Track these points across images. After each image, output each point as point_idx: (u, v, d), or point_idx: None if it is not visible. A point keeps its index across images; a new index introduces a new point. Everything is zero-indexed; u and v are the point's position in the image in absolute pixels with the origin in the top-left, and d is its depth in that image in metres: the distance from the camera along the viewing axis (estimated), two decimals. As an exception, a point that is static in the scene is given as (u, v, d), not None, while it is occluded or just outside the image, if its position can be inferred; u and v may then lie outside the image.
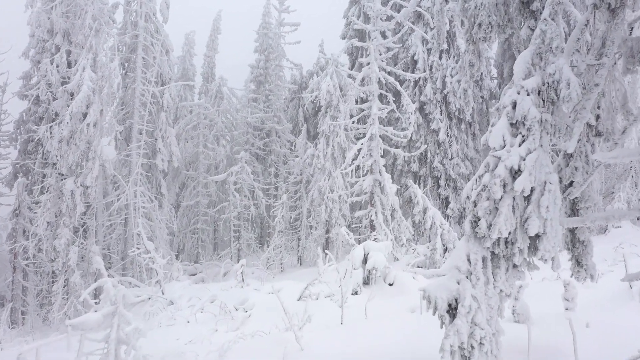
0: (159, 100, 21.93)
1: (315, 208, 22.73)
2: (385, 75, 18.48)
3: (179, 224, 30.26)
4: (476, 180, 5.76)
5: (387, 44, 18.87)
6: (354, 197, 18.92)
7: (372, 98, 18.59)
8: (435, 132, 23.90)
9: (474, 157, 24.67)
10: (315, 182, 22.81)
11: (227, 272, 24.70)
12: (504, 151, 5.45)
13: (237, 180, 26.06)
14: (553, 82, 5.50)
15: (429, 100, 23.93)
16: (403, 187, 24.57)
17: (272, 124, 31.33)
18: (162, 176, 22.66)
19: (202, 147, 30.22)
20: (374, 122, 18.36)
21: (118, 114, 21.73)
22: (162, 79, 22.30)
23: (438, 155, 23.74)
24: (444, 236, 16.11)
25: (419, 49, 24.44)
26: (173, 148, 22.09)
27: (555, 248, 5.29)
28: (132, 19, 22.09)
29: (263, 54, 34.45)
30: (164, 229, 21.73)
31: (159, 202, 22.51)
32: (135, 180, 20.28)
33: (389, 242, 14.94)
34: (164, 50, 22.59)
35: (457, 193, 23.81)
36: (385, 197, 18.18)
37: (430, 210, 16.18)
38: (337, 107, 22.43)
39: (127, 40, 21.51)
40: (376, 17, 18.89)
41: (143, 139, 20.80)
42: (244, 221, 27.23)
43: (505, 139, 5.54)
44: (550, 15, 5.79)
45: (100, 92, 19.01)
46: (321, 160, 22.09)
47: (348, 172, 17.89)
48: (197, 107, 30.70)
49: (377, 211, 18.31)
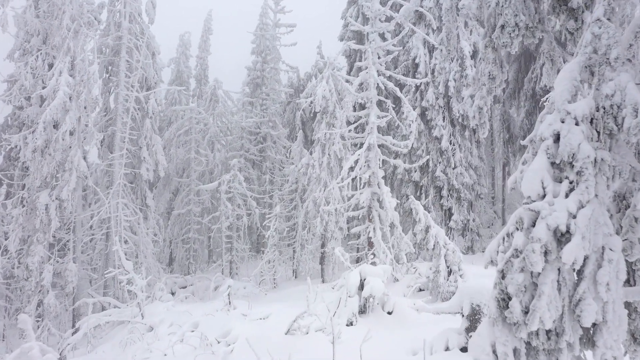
0: (144, 106, 20.33)
1: (310, 220, 21.13)
2: (384, 80, 16.87)
3: (170, 233, 28.71)
4: (503, 240, 4.16)
5: (386, 47, 17.26)
6: (351, 211, 17.32)
7: (371, 105, 16.99)
8: (437, 139, 22.29)
9: (479, 165, 23.04)
10: (311, 192, 21.22)
11: (218, 286, 23.14)
12: (544, 203, 3.85)
13: (229, 189, 24.46)
14: (612, 107, 3.90)
15: (430, 106, 22.32)
16: (403, 197, 22.97)
17: (267, 129, 29.74)
18: (147, 186, 21.07)
19: (194, 153, 28.63)
20: (372, 131, 16.76)
21: (100, 120, 20.14)
22: (148, 83, 20.70)
23: (440, 164, 22.12)
24: (448, 257, 14.51)
25: (421, 51, 22.83)
26: (159, 157, 20.49)
27: (619, 342, 3.70)
28: (115, 20, 20.48)
29: (260, 55, 32.88)
30: (150, 242, 20.16)
31: (144, 214, 20.92)
32: (117, 192, 18.71)
33: (387, 266, 13.35)
34: (149, 52, 20.99)
35: (461, 204, 22.19)
36: (384, 212, 16.57)
37: (433, 229, 14.58)
38: (334, 113, 20.83)
39: (110, 42, 19.89)
40: (375, 17, 17.28)
41: (126, 147, 19.20)
42: (237, 231, 25.64)
43: (545, 185, 3.94)
44: (605, 14, 4.15)
45: (78, 97, 17.43)
46: (316, 169, 20.48)
47: (344, 185, 16.29)
48: (189, 112, 29.07)
49: (376, 227, 16.72)
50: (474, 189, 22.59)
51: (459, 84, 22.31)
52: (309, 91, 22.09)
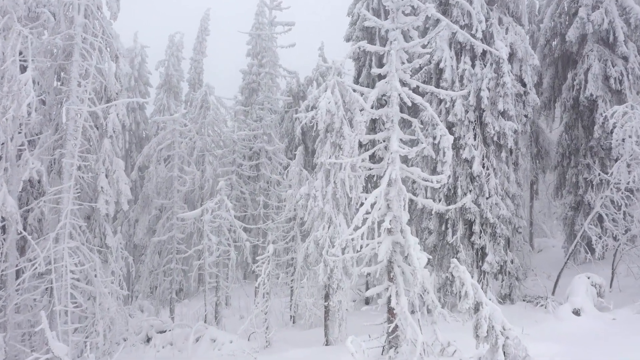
0: (103, 122, 15.59)
1: (311, 266, 16.40)
2: (410, 93, 12.13)
3: (150, 263, 23.97)
4: None
5: (412, 48, 12.52)
6: (365, 266, 12.55)
7: (392, 126, 12.26)
8: (467, 162, 17.55)
9: (516, 193, 18.26)
10: (312, 228, 16.48)
11: (200, 337, 18.48)
12: None
13: (214, 219, 19.70)
14: None
15: (459, 121, 17.58)
16: (424, 232, 18.25)
17: (262, 144, 24.99)
18: (106, 221, 16.32)
19: (178, 171, 23.87)
20: (393, 161, 12.04)
21: (47, 140, 15.40)
22: (108, 93, 15.96)
23: (471, 193, 17.38)
24: (508, 349, 9.80)
25: (446, 53, 18.07)
26: (121, 185, 15.74)
27: None
28: (67, 14, 15.73)
29: (256, 58, 28.15)
30: (113, 292, 15.46)
31: (103, 257, 16.20)
32: (62, 235, 13.99)
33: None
34: (111, 55, 16.25)
35: (496, 241, 17.45)
36: (411, 270, 11.84)
37: (486, 308, 9.86)
38: (341, 131, 16.11)
39: (58, 42, 15.13)
40: (397, 10, 12.52)
41: (75, 176, 14.45)
42: (224, 267, 20.92)
43: None
44: None
45: (4, 115, 12.70)
46: (319, 202, 15.76)
47: (357, 237, 11.54)
48: (172, 123, 24.31)
49: (399, 290, 12.01)
50: (511, 222, 17.83)
51: (494, 93, 17.59)
52: (310, 102, 17.29)
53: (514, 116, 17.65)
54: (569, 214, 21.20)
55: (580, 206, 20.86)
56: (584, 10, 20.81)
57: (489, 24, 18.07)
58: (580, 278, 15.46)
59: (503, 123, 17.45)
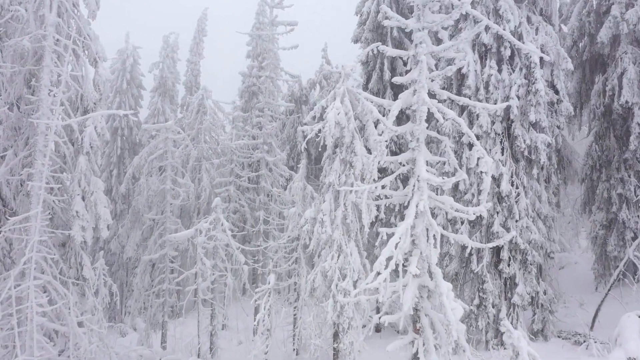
0: (78, 137, 13.30)
1: (318, 302, 14.11)
2: (441, 107, 9.86)
3: (140, 283, 21.72)
4: None
5: (442, 52, 10.24)
6: (384, 315, 10.27)
7: (417, 146, 9.98)
8: (494, 180, 15.25)
9: (548, 214, 15.99)
10: (320, 260, 14.19)
11: (192, 374, 16.23)
12: None
13: (207, 240, 17.42)
14: None
15: (484, 133, 15.30)
16: (445, 257, 15.99)
17: (262, 154, 22.67)
18: (83, 249, 14.03)
19: (170, 183, 21.60)
20: (421, 189, 9.76)
21: (12, 158, 13.11)
22: (84, 104, 13.66)
23: (499, 215, 15.10)
24: None
25: (469, 57, 15.77)
26: (100, 209, 13.44)
27: None
28: (38, 12, 13.42)
29: (256, 59, 25.78)
30: (82, 335, 13.16)
31: (80, 290, 13.92)
32: (28, 270, 11.71)
33: None
34: (89, 59, 13.95)
35: (527, 269, 15.18)
36: (444, 320, 9.58)
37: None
38: (351, 146, 13.85)
39: (26, 44, 12.84)
40: (424, 6, 10.24)
41: (42, 199, 12.16)
42: (220, 292, 18.65)
43: None
44: None
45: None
46: (327, 228, 13.49)
47: (379, 285, 9.26)
48: (164, 130, 22.03)
49: (428, 347, 9.74)
50: (542, 246, 15.58)
51: (524, 102, 15.29)
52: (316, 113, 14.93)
53: (546, 127, 15.38)
54: (600, 233, 18.92)
55: (613, 225, 18.60)
56: (617, 8, 18.50)
57: (517, 24, 15.79)
58: (630, 318, 13.17)
59: (535, 136, 15.20)
